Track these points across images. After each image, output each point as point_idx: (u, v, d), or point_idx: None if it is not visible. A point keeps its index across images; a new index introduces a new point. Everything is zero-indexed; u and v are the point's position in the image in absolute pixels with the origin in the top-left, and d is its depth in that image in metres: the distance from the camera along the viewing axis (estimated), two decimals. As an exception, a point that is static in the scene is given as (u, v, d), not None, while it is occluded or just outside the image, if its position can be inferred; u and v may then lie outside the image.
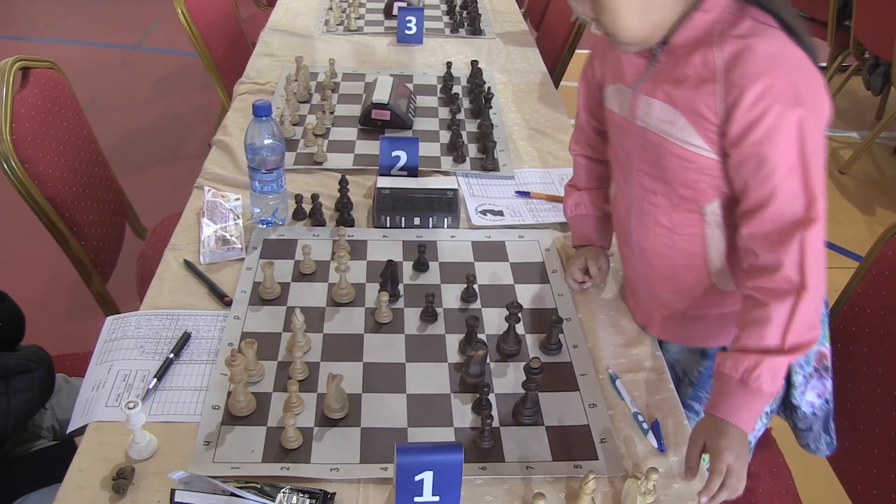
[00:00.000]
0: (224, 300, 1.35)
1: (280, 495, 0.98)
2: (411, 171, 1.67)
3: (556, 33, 2.80)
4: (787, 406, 1.32)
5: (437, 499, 0.98)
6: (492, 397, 1.18)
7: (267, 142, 1.43)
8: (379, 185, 1.58)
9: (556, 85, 2.46)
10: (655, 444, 1.12)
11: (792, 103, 0.98)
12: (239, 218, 1.55)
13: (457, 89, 2.13)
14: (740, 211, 1.07)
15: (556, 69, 2.68)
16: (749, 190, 1.04)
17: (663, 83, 1.10)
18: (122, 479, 1.01)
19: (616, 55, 1.20)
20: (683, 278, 1.24)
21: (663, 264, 1.24)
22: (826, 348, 1.28)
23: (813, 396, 1.28)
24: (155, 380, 1.17)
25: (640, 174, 1.20)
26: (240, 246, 1.47)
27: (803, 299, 1.01)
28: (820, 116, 1.00)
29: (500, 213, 1.62)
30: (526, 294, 1.40)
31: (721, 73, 1.02)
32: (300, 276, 1.42)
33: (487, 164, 1.77)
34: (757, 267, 1.06)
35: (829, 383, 1.29)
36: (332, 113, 1.97)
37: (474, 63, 2.19)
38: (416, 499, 0.98)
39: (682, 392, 1.35)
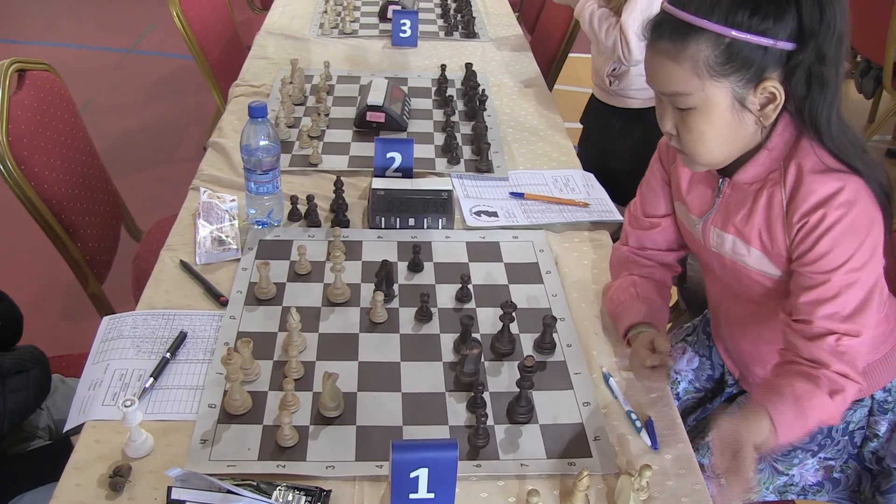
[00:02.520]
0: (220, 300, 1.35)
1: (276, 493, 0.99)
2: (406, 172, 1.68)
3: (550, 37, 2.81)
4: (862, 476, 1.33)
5: (432, 496, 0.99)
6: (486, 396, 1.18)
7: (262, 143, 1.44)
8: (374, 187, 1.58)
9: (550, 88, 2.47)
10: (649, 442, 1.13)
11: (843, 236, 1.04)
12: (234, 219, 1.55)
13: (451, 92, 2.13)
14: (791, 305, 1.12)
15: (550, 72, 2.70)
16: (799, 296, 1.09)
17: (733, 218, 1.16)
18: (118, 476, 1.01)
19: (677, 176, 1.26)
20: (768, 358, 1.26)
21: (751, 348, 1.32)
22: None
23: None
24: (151, 379, 1.17)
25: (722, 283, 1.27)
26: (235, 247, 1.48)
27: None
28: (875, 243, 1.05)
29: (495, 215, 1.62)
30: (520, 294, 1.41)
31: (786, 212, 1.09)
32: (296, 276, 1.43)
33: (482, 165, 1.78)
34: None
35: None
36: (326, 115, 1.98)
37: (468, 66, 2.20)
38: (412, 496, 0.99)
39: None
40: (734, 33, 1.00)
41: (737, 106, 1.05)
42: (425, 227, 1.57)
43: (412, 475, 0.97)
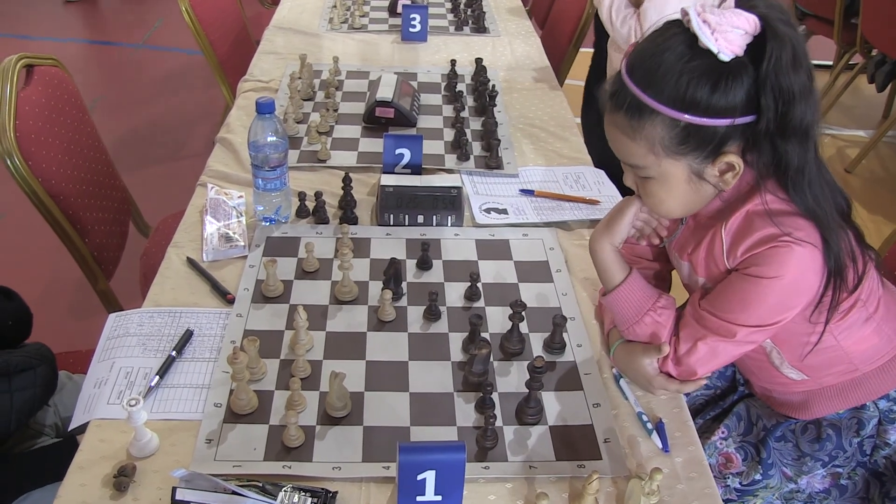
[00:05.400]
0: (227, 298, 1.34)
1: (282, 494, 0.98)
2: (415, 168, 1.66)
3: (560, 31, 2.79)
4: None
5: (439, 498, 0.98)
6: (495, 396, 1.17)
7: (270, 139, 1.43)
8: (383, 183, 1.57)
9: (561, 83, 2.45)
10: (660, 445, 1.12)
11: (769, 274, 1.05)
12: (242, 215, 1.54)
13: (461, 87, 2.12)
14: (694, 297, 1.18)
15: (561, 67, 2.67)
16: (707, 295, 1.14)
17: (688, 247, 1.18)
18: (123, 476, 1.00)
19: None
20: (758, 372, 1.31)
21: (740, 361, 1.33)
22: None
23: None
24: (157, 377, 1.16)
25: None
26: (243, 243, 1.47)
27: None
28: (795, 287, 1.06)
29: (504, 212, 1.61)
30: (530, 293, 1.39)
31: (728, 251, 1.10)
32: (303, 273, 1.41)
33: (491, 162, 1.77)
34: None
35: None
36: (335, 111, 1.96)
37: (478, 61, 2.18)
38: (419, 498, 0.97)
39: (751, 436, 1.35)
40: (689, 118, 0.99)
41: (694, 179, 1.06)
42: (434, 224, 1.56)
43: (419, 477, 0.95)
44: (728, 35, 0.96)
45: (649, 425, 1.14)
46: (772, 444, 1.31)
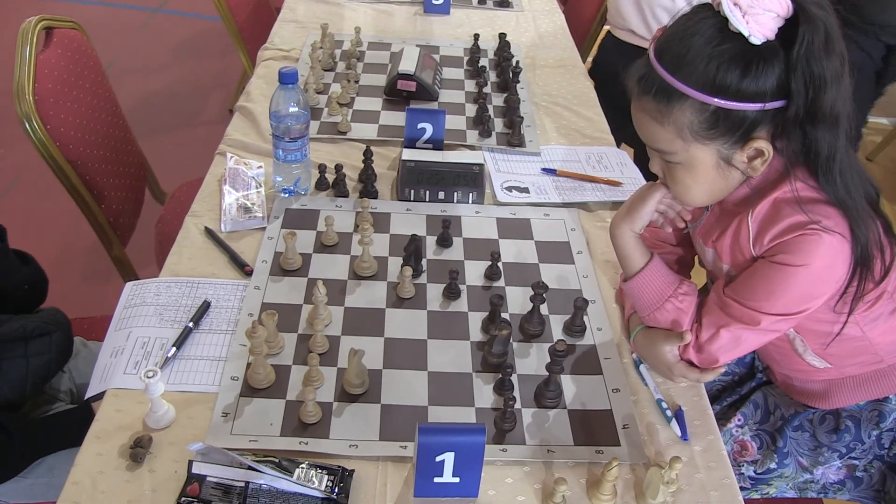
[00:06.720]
0: (245, 269, 1.33)
1: (298, 471, 0.97)
2: (437, 144, 1.64)
3: (583, 7, 2.74)
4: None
5: (457, 480, 0.97)
6: (514, 378, 1.16)
7: (292, 110, 1.41)
8: (404, 158, 1.55)
9: (584, 60, 2.40)
10: (678, 433, 1.10)
11: (796, 262, 1.03)
12: (261, 186, 1.52)
13: (483, 62, 2.08)
14: (718, 284, 1.16)
15: (584, 44, 2.63)
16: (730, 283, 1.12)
17: (713, 233, 1.16)
18: (139, 448, 1.00)
19: None
20: (780, 359, 1.29)
21: (762, 349, 1.31)
22: None
23: None
24: (174, 348, 1.16)
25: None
26: (261, 215, 1.45)
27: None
28: (822, 276, 1.04)
29: (526, 191, 1.58)
30: (550, 273, 1.37)
31: (754, 238, 1.07)
32: (322, 247, 1.40)
33: (514, 139, 1.74)
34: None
35: None
36: (356, 82, 1.93)
37: (502, 36, 2.14)
38: (436, 479, 0.97)
39: (768, 424, 1.34)
40: (718, 102, 0.96)
41: (723, 164, 1.04)
42: (455, 201, 1.53)
43: (438, 459, 0.94)
44: (759, 18, 0.93)
45: (668, 413, 1.13)
46: (788, 434, 1.30)
